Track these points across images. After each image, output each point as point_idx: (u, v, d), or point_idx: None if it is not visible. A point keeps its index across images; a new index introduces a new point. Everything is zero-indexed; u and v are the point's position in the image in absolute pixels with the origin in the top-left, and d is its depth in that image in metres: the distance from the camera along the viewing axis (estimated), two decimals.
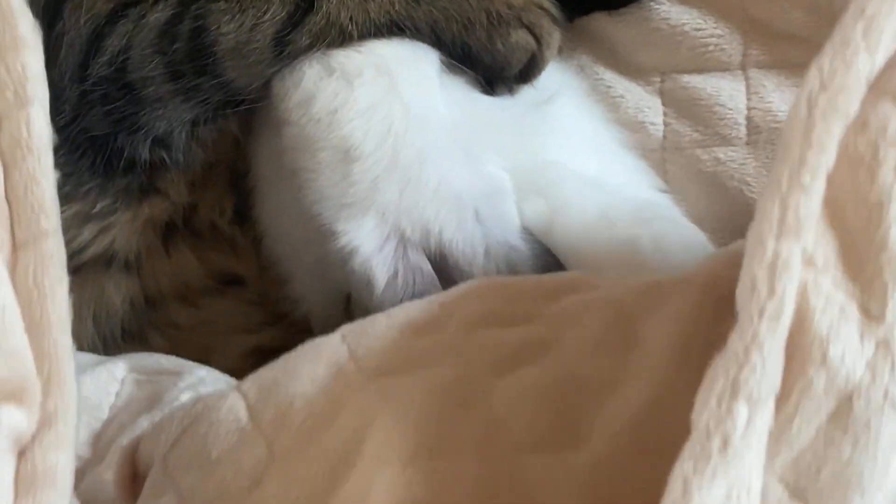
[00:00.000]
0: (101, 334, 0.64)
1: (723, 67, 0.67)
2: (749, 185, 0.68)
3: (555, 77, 0.66)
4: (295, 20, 0.56)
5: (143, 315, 0.65)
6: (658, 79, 0.69)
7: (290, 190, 0.57)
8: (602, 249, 0.57)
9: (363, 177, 0.54)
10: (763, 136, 0.67)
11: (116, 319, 0.65)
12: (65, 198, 0.60)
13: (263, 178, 0.63)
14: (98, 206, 0.63)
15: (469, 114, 0.59)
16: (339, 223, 0.55)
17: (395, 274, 0.54)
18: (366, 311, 0.55)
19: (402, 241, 0.55)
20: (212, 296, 0.67)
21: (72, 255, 0.62)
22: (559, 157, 0.61)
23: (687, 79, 0.68)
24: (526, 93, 0.63)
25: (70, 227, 0.62)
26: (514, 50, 0.59)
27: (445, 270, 0.55)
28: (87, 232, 0.63)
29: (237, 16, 0.56)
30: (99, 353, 0.62)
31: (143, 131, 0.60)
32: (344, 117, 0.55)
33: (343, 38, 0.56)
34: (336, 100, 0.55)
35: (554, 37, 0.60)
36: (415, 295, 0.54)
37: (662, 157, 0.69)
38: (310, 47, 0.56)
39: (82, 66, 0.59)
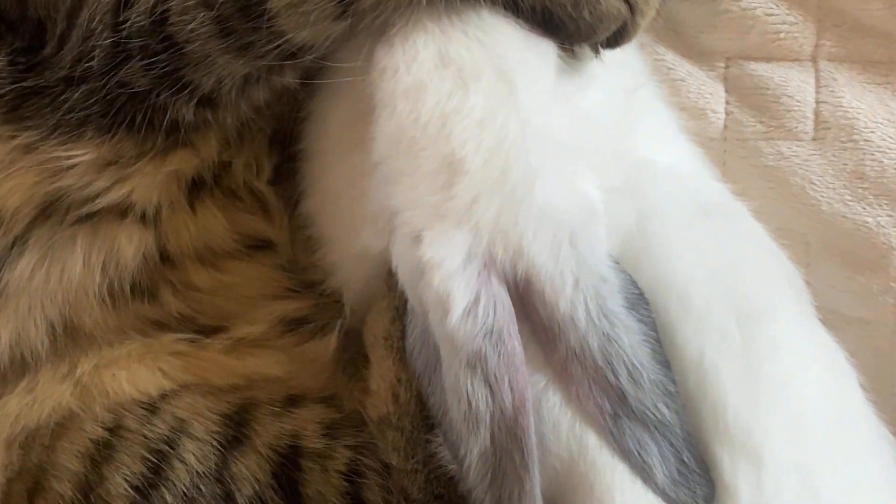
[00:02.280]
0: (110, 285, 0.59)
1: (793, 57, 0.64)
2: (813, 183, 0.64)
3: (639, 61, 0.62)
4: None
5: (156, 271, 0.60)
6: (723, 64, 0.65)
7: (363, 168, 0.52)
8: (695, 246, 0.53)
9: (465, 193, 0.50)
10: (831, 132, 0.64)
11: (127, 272, 0.59)
12: (85, 142, 0.56)
13: (323, 144, 0.58)
14: (121, 156, 0.58)
15: (569, 118, 0.54)
16: (426, 232, 0.49)
17: (477, 300, 0.49)
18: (426, 332, 0.50)
19: (488, 266, 0.49)
20: (237, 259, 0.62)
21: (84, 202, 0.58)
22: (647, 149, 0.57)
23: (754, 66, 0.64)
24: (617, 79, 0.58)
25: (86, 174, 0.57)
26: (602, 18, 0.52)
27: (525, 300, 0.50)
28: (104, 180, 0.58)
29: None
30: (106, 308, 0.58)
31: (189, 89, 0.54)
32: (455, 127, 0.50)
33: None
34: (449, 103, 0.50)
35: (651, 3, 0.54)
36: (491, 332, 0.48)
37: (722, 148, 0.65)
38: (377, 5, 0.50)
39: (114, 12, 0.53)
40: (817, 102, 0.64)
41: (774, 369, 0.50)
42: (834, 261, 0.64)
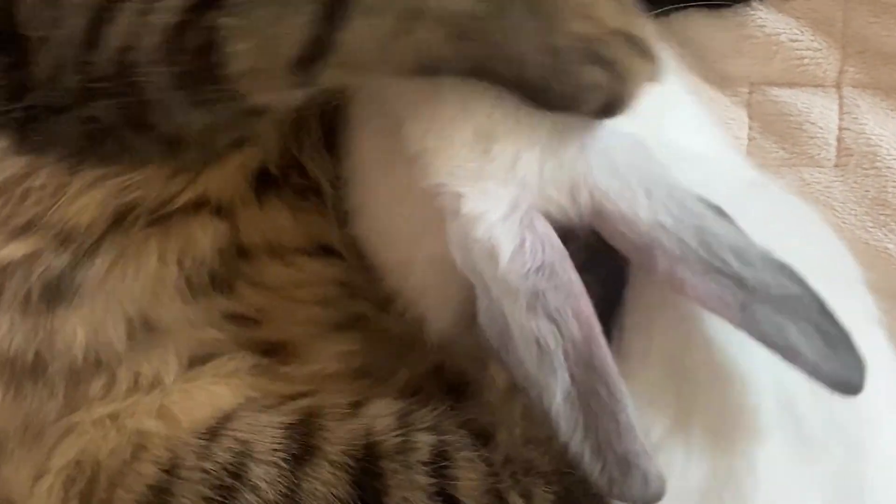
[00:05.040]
0: (188, 279, 0.58)
1: (816, 83, 0.64)
2: (834, 209, 0.64)
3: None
4: (314, 52, 0.48)
5: (234, 265, 0.59)
6: (746, 90, 0.65)
7: (406, 182, 0.52)
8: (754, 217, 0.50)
9: (504, 155, 0.49)
10: (854, 159, 0.64)
11: (205, 266, 0.58)
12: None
13: (361, 168, 0.57)
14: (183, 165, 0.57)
15: None
16: (466, 189, 0.49)
17: (522, 243, 0.48)
18: (489, 297, 0.49)
19: (530, 212, 0.49)
20: (306, 255, 0.60)
21: (158, 207, 0.57)
22: (677, 135, 0.57)
23: (777, 92, 0.64)
24: None
25: (154, 185, 0.56)
26: (582, 90, 0.49)
27: (605, 231, 0.49)
28: (175, 186, 0.57)
29: (251, 29, 0.48)
30: (185, 300, 0.57)
31: (155, 131, 0.53)
32: (477, 98, 0.49)
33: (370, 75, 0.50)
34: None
35: (641, 71, 0.50)
36: (542, 267, 0.48)
37: None
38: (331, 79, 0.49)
39: (80, 55, 0.52)
40: (840, 129, 0.64)
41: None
42: None
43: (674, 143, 0.54)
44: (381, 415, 0.54)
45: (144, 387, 0.57)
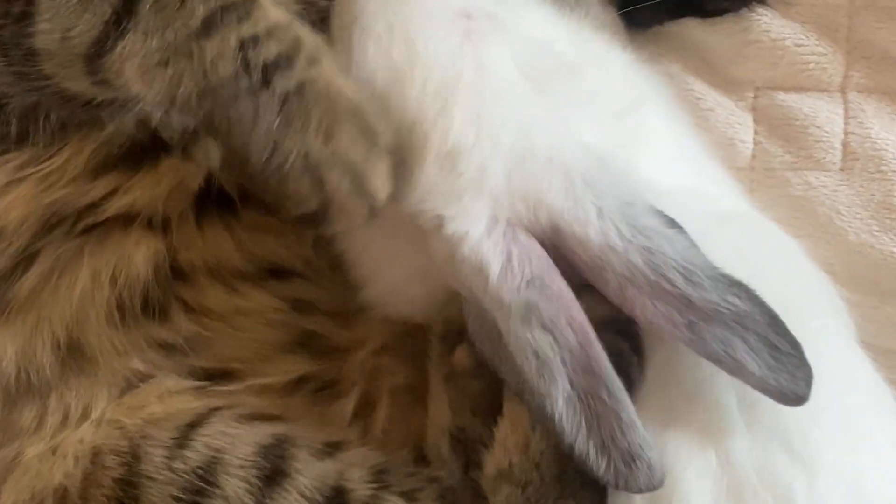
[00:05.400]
0: (119, 299, 0.57)
1: (821, 88, 0.64)
2: (840, 213, 0.64)
3: (637, 83, 0.62)
4: (99, 51, 0.49)
5: (168, 286, 0.58)
6: (751, 94, 0.65)
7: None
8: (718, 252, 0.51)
9: (470, 167, 0.51)
10: (859, 163, 0.64)
11: (138, 284, 0.57)
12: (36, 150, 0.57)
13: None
14: (95, 161, 0.57)
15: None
16: (446, 212, 0.50)
17: (509, 257, 0.49)
18: (480, 308, 0.50)
19: (511, 225, 0.50)
20: (251, 282, 0.59)
21: (88, 211, 0.57)
22: (653, 170, 0.57)
23: (783, 96, 0.65)
24: (607, 101, 0.59)
25: (77, 182, 0.56)
26: (287, 195, 0.51)
27: (560, 248, 0.50)
28: (100, 188, 0.57)
29: (59, 13, 0.49)
30: (114, 326, 0.56)
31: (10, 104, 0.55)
32: (435, 120, 0.51)
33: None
34: (421, 104, 0.52)
35: (350, 205, 0.51)
36: (532, 280, 0.49)
37: (750, 178, 0.65)
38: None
39: None
40: (846, 133, 0.64)
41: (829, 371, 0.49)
42: (861, 291, 0.64)
43: (647, 177, 0.55)
44: (357, 464, 0.55)
45: (73, 421, 0.56)
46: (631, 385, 0.49)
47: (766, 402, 0.48)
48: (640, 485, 0.47)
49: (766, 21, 0.64)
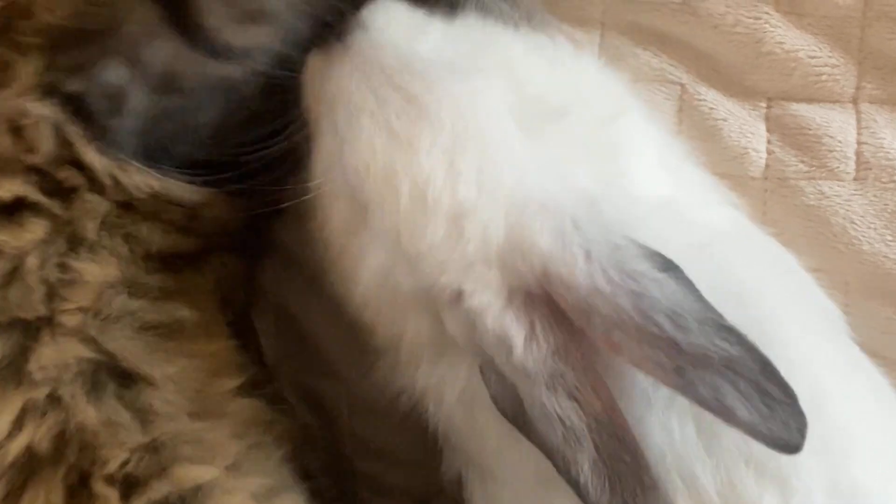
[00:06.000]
0: None
1: (834, 99, 0.65)
2: (854, 223, 0.64)
3: (614, 94, 0.62)
4: None
5: None
6: (764, 104, 0.65)
7: (388, 261, 0.53)
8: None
9: (475, 230, 0.51)
10: (872, 172, 0.64)
11: None
12: None
13: (336, 247, 0.58)
14: None
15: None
16: (463, 286, 0.50)
17: (532, 328, 0.49)
18: (501, 376, 0.50)
19: (531, 294, 0.50)
20: None
21: None
22: (641, 179, 0.57)
23: (796, 107, 0.65)
24: (589, 108, 0.59)
25: None
26: None
27: (553, 295, 0.49)
28: None
29: None
30: None
31: None
32: (432, 191, 0.51)
33: None
34: (418, 176, 0.52)
35: None
36: (557, 350, 0.48)
37: (764, 187, 0.65)
38: None
39: None
40: (858, 143, 0.65)
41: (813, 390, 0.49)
42: (874, 301, 0.64)
43: (636, 191, 0.55)
44: None
45: None
46: None
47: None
48: None
49: (779, 32, 0.64)
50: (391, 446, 0.70)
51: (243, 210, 0.62)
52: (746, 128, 0.66)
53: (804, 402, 0.45)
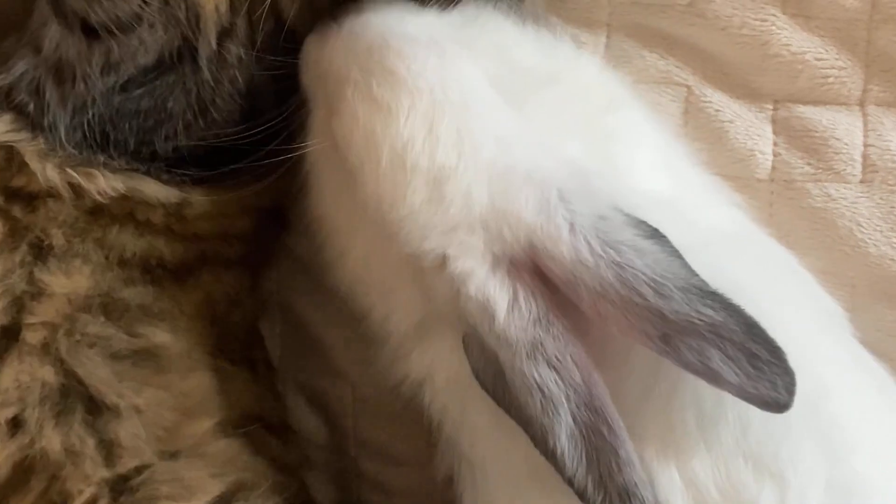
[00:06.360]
0: None
1: (841, 101, 0.65)
2: (860, 225, 0.64)
3: (614, 89, 0.62)
4: None
5: None
6: (770, 106, 0.65)
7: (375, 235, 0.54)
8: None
9: (456, 194, 0.51)
10: (879, 175, 0.64)
11: None
12: None
13: (330, 222, 0.59)
14: None
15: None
16: (447, 251, 0.51)
17: (515, 296, 0.50)
18: (483, 346, 0.50)
19: (513, 259, 0.50)
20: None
21: None
22: (632, 177, 0.57)
23: (802, 109, 0.65)
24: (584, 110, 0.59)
25: None
26: None
27: (539, 266, 0.50)
28: None
29: None
30: None
31: None
32: (412, 152, 0.52)
33: None
34: (398, 138, 0.53)
35: None
36: (538, 319, 0.49)
37: (770, 189, 0.65)
38: None
39: None
40: (865, 146, 0.65)
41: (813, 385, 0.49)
42: (881, 303, 0.64)
43: (630, 180, 0.55)
44: None
45: None
46: None
47: (728, 419, 0.49)
48: None
49: (786, 35, 0.64)
50: (395, 447, 0.70)
51: (233, 199, 0.61)
52: (753, 130, 0.65)
53: (805, 397, 0.46)
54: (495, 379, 0.50)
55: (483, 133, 0.52)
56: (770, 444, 0.50)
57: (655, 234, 0.49)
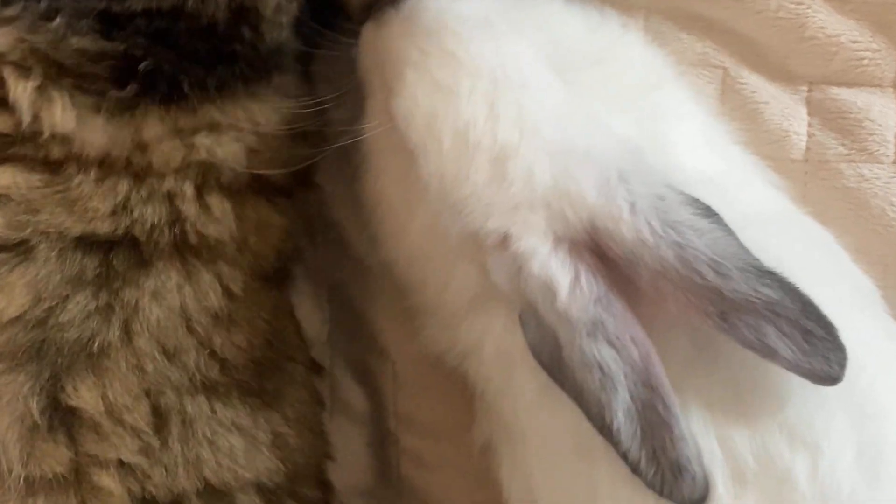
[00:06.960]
0: None
1: (875, 83, 0.66)
2: (893, 205, 0.65)
3: (659, 65, 0.63)
4: None
5: None
6: (805, 88, 0.67)
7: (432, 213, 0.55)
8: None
9: (518, 172, 0.53)
10: None
11: None
12: None
13: (387, 204, 0.60)
14: None
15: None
16: (510, 229, 0.52)
17: (577, 275, 0.51)
18: (541, 323, 0.52)
19: (575, 238, 0.52)
20: None
21: None
22: (678, 155, 0.59)
23: (836, 91, 0.66)
24: (634, 70, 0.61)
25: None
26: None
27: (601, 246, 0.51)
28: None
29: None
30: None
31: None
32: (475, 130, 0.53)
33: None
34: (460, 117, 0.54)
35: None
36: (599, 298, 0.50)
37: (804, 170, 0.66)
38: None
39: None
40: None
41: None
42: None
43: (678, 156, 0.57)
44: None
45: None
46: None
47: (766, 391, 0.51)
48: (683, 495, 0.49)
49: (821, 18, 0.65)
50: (433, 422, 0.72)
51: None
52: (788, 111, 0.67)
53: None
54: (552, 355, 0.52)
55: (542, 111, 0.54)
56: (805, 415, 0.51)
57: (710, 213, 0.50)
